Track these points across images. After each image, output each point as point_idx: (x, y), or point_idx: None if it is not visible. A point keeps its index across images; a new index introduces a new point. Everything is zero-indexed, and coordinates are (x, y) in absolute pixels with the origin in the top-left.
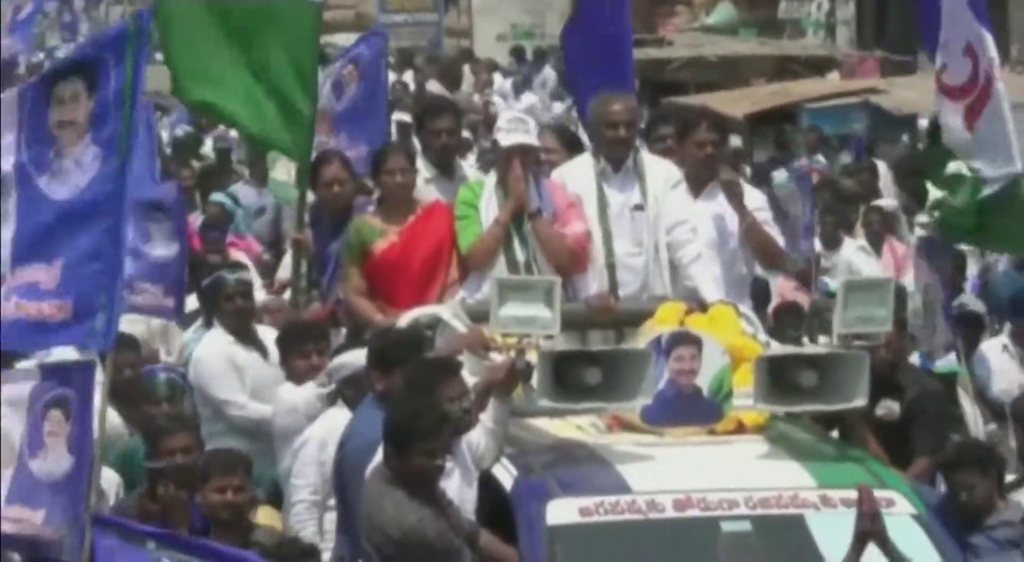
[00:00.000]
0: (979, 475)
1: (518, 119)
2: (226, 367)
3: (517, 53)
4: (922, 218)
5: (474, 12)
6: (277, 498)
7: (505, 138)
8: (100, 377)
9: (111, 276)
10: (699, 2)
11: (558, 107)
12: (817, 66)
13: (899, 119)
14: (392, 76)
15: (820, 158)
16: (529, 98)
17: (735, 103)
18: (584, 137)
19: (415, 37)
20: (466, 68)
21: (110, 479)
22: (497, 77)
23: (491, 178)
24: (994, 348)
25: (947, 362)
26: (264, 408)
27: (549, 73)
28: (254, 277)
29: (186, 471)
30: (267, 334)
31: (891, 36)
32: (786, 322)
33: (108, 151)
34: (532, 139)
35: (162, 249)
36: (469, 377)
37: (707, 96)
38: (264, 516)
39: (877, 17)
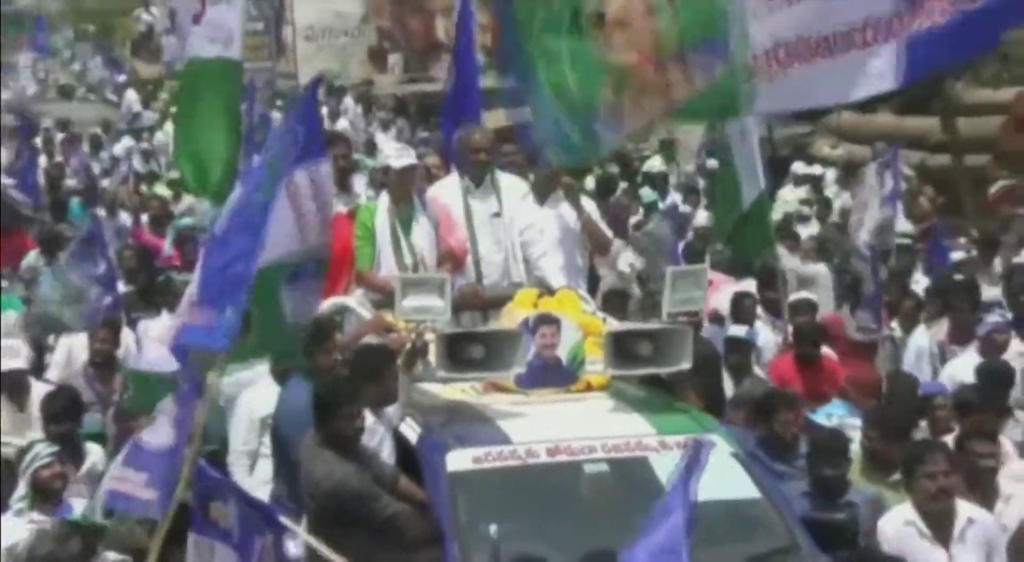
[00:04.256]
0: (794, 413)
1: (400, 147)
2: None
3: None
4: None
5: (298, 60)
6: None
7: (396, 162)
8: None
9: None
10: None
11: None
12: None
13: None
14: None
15: None
16: (343, 123)
17: (492, 120)
18: None
19: (254, 80)
20: None
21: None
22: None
23: (383, 197)
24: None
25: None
26: None
27: (348, 102)
28: None
29: None
30: None
31: None
32: (613, 304)
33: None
34: (414, 160)
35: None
36: None
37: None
38: None
39: None
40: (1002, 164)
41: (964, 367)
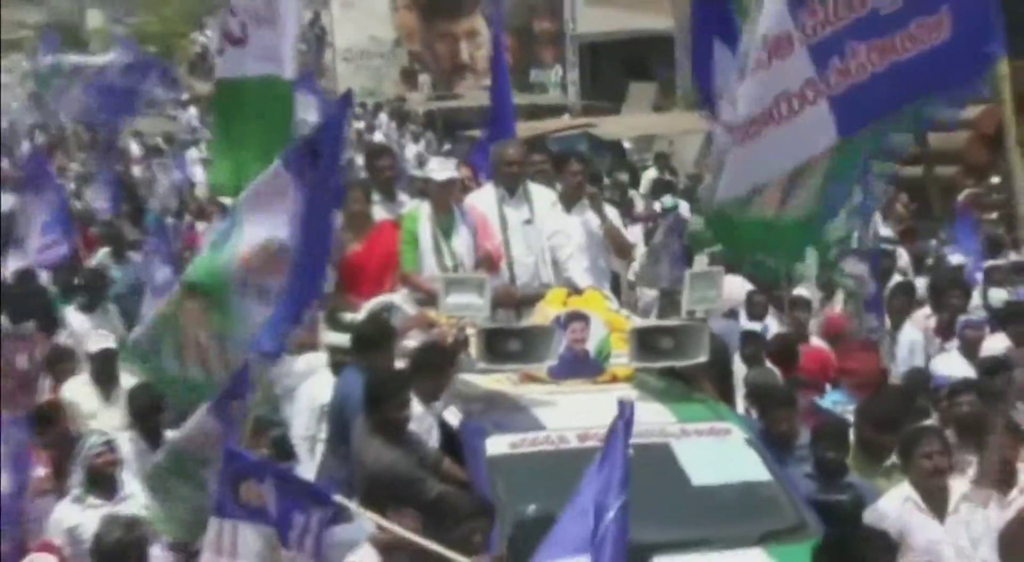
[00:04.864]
0: (790, 410)
1: (442, 161)
2: None
3: (361, 105)
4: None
5: (338, 79)
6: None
7: (439, 175)
8: None
9: None
10: (481, 69)
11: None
12: (555, 110)
13: (606, 143)
14: None
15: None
16: (378, 136)
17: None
18: None
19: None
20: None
21: None
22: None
23: (425, 206)
24: None
25: None
26: None
27: (383, 117)
28: None
29: None
30: None
31: (602, 90)
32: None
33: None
34: (455, 173)
35: None
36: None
37: (485, 131)
38: None
39: (593, 79)
40: (968, 174)
41: (946, 362)
